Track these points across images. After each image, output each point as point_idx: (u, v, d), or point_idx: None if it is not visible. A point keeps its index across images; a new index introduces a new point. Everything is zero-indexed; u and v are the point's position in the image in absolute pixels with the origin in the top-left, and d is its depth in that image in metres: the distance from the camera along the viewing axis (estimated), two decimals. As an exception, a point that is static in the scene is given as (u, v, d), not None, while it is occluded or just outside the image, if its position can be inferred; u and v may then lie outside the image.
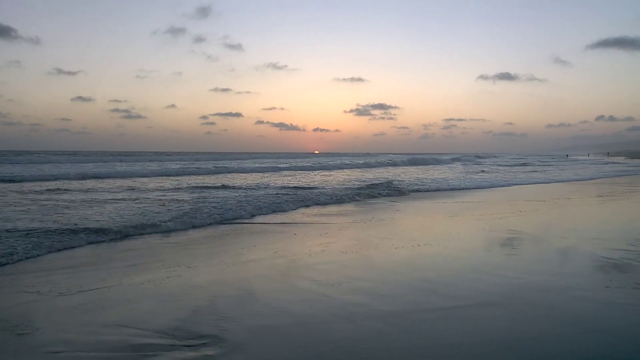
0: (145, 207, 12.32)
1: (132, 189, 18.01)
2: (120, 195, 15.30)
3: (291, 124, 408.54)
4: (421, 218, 11.47)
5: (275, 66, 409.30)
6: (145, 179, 23.99)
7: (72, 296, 5.26)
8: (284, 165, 41.15)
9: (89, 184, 20.52)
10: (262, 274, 6.20)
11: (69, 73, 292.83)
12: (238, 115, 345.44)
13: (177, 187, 18.91)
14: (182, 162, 45.49)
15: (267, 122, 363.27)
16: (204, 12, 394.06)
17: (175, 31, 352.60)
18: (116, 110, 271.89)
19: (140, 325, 4.38)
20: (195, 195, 15.42)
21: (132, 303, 5.05)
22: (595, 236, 8.65)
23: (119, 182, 21.39)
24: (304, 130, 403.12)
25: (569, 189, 20.19)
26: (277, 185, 20.19)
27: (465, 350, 3.83)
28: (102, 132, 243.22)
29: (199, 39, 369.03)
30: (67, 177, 23.93)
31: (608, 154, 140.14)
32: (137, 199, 14.16)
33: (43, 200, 13.85)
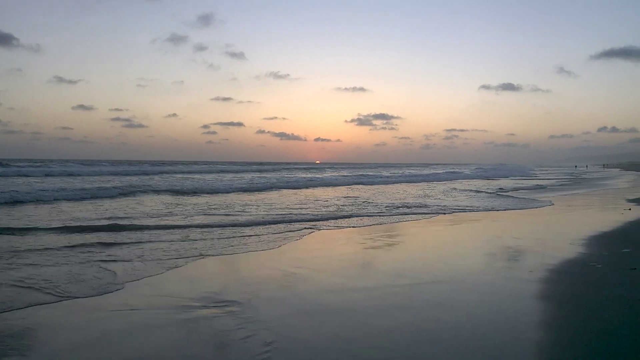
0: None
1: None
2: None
3: (292, 133, 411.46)
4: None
5: (277, 75, 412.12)
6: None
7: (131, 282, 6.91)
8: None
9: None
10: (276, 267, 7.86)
11: (70, 82, 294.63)
12: (239, 124, 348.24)
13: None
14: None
15: (269, 132, 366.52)
16: (205, 20, 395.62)
17: (177, 39, 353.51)
18: (117, 119, 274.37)
19: (180, 295, 6.00)
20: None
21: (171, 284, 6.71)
22: (544, 237, 10.33)
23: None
24: (305, 140, 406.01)
25: None
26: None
27: (418, 309, 5.47)
28: (103, 140, 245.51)
29: (200, 48, 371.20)
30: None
31: (604, 166, 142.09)
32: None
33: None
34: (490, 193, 24.72)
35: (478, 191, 26.12)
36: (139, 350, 4.34)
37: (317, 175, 46.01)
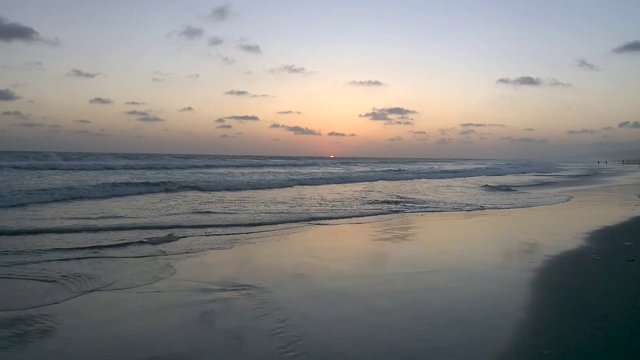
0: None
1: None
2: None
3: (307, 127, 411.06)
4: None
5: (291, 69, 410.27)
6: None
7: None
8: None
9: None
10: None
11: (88, 75, 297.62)
12: (254, 118, 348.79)
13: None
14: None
15: (283, 126, 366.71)
16: (220, 13, 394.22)
17: (192, 33, 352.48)
18: (134, 112, 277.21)
19: (200, 280, 6.55)
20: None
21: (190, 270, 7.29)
22: (551, 230, 10.68)
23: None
24: (319, 134, 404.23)
25: None
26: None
27: (417, 293, 5.96)
28: (120, 134, 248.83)
29: (215, 41, 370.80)
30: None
31: (623, 162, 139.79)
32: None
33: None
34: (511, 189, 24.93)
35: (502, 187, 26.33)
36: (166, 324, 4.90)
37: (336, 170, 46.53)
